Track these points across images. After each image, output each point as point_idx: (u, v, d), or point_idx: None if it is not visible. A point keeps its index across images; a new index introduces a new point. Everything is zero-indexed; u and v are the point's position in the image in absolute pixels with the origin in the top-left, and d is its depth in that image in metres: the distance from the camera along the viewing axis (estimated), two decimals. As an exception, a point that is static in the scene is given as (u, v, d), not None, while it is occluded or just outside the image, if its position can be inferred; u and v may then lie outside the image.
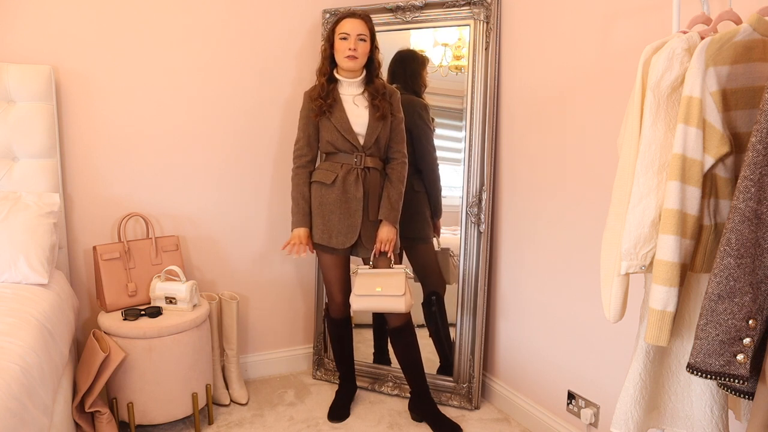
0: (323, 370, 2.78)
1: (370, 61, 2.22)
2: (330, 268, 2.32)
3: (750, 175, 1.02)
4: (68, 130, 2.32)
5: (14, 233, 1.96)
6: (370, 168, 2.21)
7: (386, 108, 2.20)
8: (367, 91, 2.22)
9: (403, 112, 2.29)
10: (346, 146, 2.19)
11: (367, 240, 2.22)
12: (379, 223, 2.23)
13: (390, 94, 2.24)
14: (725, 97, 1.17)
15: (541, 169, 2.19)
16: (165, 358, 2.12)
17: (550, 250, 2.17)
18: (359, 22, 2.14)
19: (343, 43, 2.14)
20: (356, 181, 2.18)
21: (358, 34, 2.13)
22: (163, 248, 2.41)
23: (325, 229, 2.21)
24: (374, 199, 2.21)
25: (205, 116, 2.55)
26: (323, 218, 2.21)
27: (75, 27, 2.28)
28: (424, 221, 2.52)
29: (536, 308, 2.27)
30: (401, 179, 2.25)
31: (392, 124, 2.24)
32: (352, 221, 2.19)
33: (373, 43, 2.20)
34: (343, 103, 2.21)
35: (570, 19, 2.00)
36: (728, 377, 1.08)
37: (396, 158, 2.26)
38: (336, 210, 2.19)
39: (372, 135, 2.19)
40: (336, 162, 2.21)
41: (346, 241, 2.20)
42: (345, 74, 2.21)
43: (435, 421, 2.29)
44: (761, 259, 1.03)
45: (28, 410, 1.32)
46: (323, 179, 2.20)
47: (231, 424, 2.35)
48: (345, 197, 2.18)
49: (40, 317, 1.69)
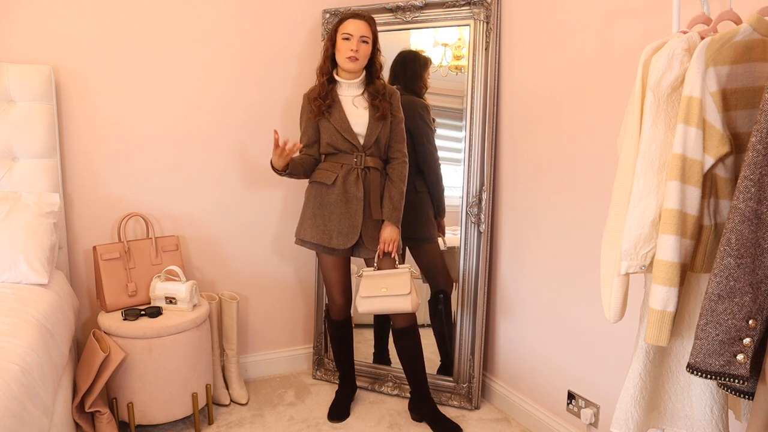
0: (323, 370, 2.78)
1: (371, 63, 2.21)
2: (330, 269, 2.31)
3: (750, 175, 1.02)
4: (68, 130, 2.32)
5: (14, 233, 1.96)
6: (370, 168, 2.21)
7: (386, 108, 2.19)
8: (367, 91, 2.22)
9: (404, 113, 2.29)
10: (346, 146, 2.19)
11: (368, 240, 2.21)
12: (380, 222, 2.22)
13: (390, 94, 2.24)
14: (725, 97, 1.17)
15: (541, 169, 2.19)
16: (165, 358, 2.12)
17: (551, 250, 2.17)
18: (363, 23, 2.14)
19: (345, 44, 2.13)
20: (356, 181, 2.18)
21: (361, 36, 2.13)
22: (163, 248, 2.41)
23: (326, 230, 2.20)
24: (375, 198, 2.20)
25: (205, 116, 2.55)
26: (323, 219, 2.20)
27: (75, 27, 2.28)
28: (428, 221, 2.51)
29: (536, 308, 2.27)
30: (402, 179, 2.24)
31: (392, 124, 2.24)
32: (353, 221, 2.18)
33: (375, 45, 2.19)
34: (342, 103, 2.20)
35: (570, 19, 2.00)
36: (728, 377, 1.08)
37: (396, 158, 2.26)
38: (336, 210, 2.18)
39: (372, 135, 2.18)
40: (336, 162, 2.21)
41: (346, 242, 2.19)
42: (344, 75, 2.21)
43: (435, 421, 2.29)
44: (761, 259, 1.03)
45: (28, 410, 1.32)
46: (323, 179, 2.20)
47: (231, 424, 2.35)
48: (345, 197, 2.18)
49: (40, 317, 1.69)
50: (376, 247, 2.22)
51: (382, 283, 2.17)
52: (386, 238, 2.20)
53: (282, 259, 2.80)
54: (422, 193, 2.49)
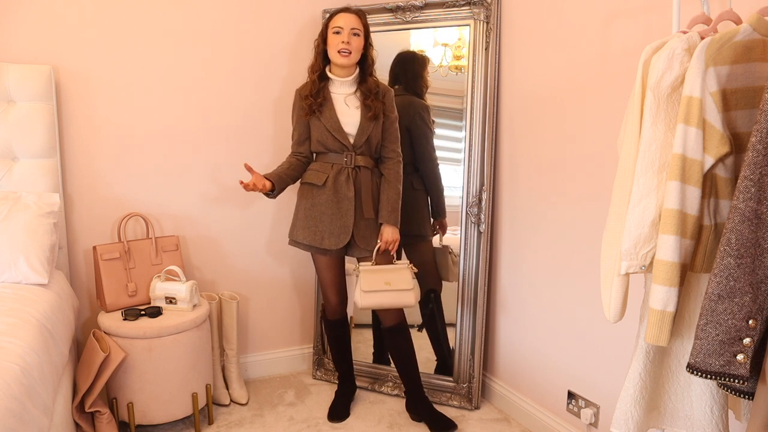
0: (323, 370, 2.78)
1: (364, 58, 2.19)
2: (324, 269, 2.32)
3: (750, 175, 1.02)
4: (68, 130, 2.32)
5: (14, 233, 1.96)
6: (360, 167, 2.20)
7: (379, 108, 2.18)
8: (360, 90, 2.20)
9: (404, 113, 2.28)
10: (336, 146, 2.18)
11: (360, 239, 2.20)
12: (372, 222, 2.22)
13: (383, 93, 2.22)
14: (725, 97, 1.17)
15: (541, 169, 2.19)
16: (165, 358, 2.12)
17: (551, 250, 2.17)
18: (352, 16, 2.13)
19: (335, 38, 2.12)
20: (347, 180, 2.17)
21: (351, 28, 2.11)
22: (163, 248, 2.41)
23: (317, 231, 2.20)
24: (366, 197, 2.19)
25: (205, 116, 2.55)
26: (315, 219, 2.20)
27: (75, 27, 2.28)
28: (423, 219, 2.52)
29: (536, 308, 2.27)
30: (398, 178, 2.24)
31: (385, 124, 2.23)
32: (344, 221, 2.17)
33: (367, 39, 2.18)
34: (333, 102, 2.19)
35: (570, 19, 2.00)
36: (728, 377, 1.08)
37: (391, 158, 2.25)
38: (327, 211, 2.18)
39: (363, 135, 2.17)
40: (326, 162, 2.21)
41: (338, 242, 2.18)
42: (337, 72, 2.19)
43: (431, 419, 2.30)
44: (761, 259, 1.03)
45: (28, 410, 1.32)
46: (314, 180, 2.20)
47: (231, 424, 2.35)
48: (336, 197, 2.17)
49: (40, 317, 1.69)
50: (368, 246, 2.21)
51: (383, 278, 2.17)
52: (388, 239, 2.20)
53: (282, 259, 2.80)
54: (419, 191, 2.49)
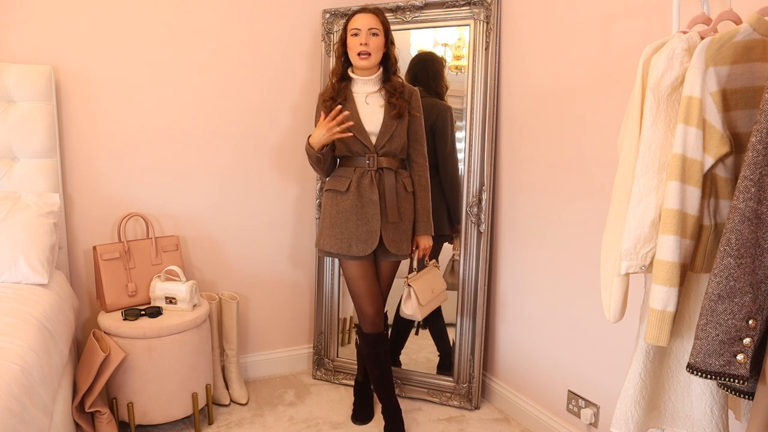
0: (323, 370, 2.78)
1: (386, 57, 2.13)
2: (355, 279, 2.17)
3: (750, 175, 1.02)
4: (68, 130, 2.32)
5: (14, 233, 1.96)
6: (384, 168, 2.12)
7: (404, 106, 2.11)
8: (384, 89, 2.15)
9: (428, 116, 2.24)
10: (358, 147, 2.11)
11: (391, 244, 2.12)
12: (400, 225, 2.15)
13: (409, 93, 2.17)
14: (725, 97, 1.17)
15: (541, 169, 2.19)
16: (165, 358, 2.12)
17: (550, 250, 2.17)
18: (370, 16, 2.08)
19: (354, 39, 2.08)
20: (371, 184, 2.10)
21: (369, 29, 2.06)
22: (163, 248, 2.41)
23: (344, 238, 2.12)
24: (391, 201, 2.11)
25: (204, 116, 2.55)
26: (340, 227, 2.12)
27: (75, 27, 2.28)
28: (441, 219, 2.45)
29: (536, 308, 2.27)
30: (426, 187, 2.22)
31: (413, 125, 2.17)
32: (371, 227, 2.10)
33: (387, 37, 2.12)
34: (355, 102, 2.14)
35: (570, 18, 2.00)
36: (728, 377, 1.08)
37: (418, 162, 2.21)
38: (353, 217, 2.10)
39: (386, 134, 2.10)
40: (349, 167, 2.14)
41: (366, 248, 2.10)
42: (359, 72, 2.14)
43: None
44: (761, 259, 1.03)
45: (28, 410, 1.32)
46: (337, 187, 2.14)
47: (231, 424, 2.35)
48: (360, 202, 2.10)
49: (40, 317, 1.69)
50: (399, 251, 2.15)
51: (429, 287, 2.24)
52: (425, 246, 2.23)
53: (282, 259, 2.80)
54: (438, 192, 2.44)
